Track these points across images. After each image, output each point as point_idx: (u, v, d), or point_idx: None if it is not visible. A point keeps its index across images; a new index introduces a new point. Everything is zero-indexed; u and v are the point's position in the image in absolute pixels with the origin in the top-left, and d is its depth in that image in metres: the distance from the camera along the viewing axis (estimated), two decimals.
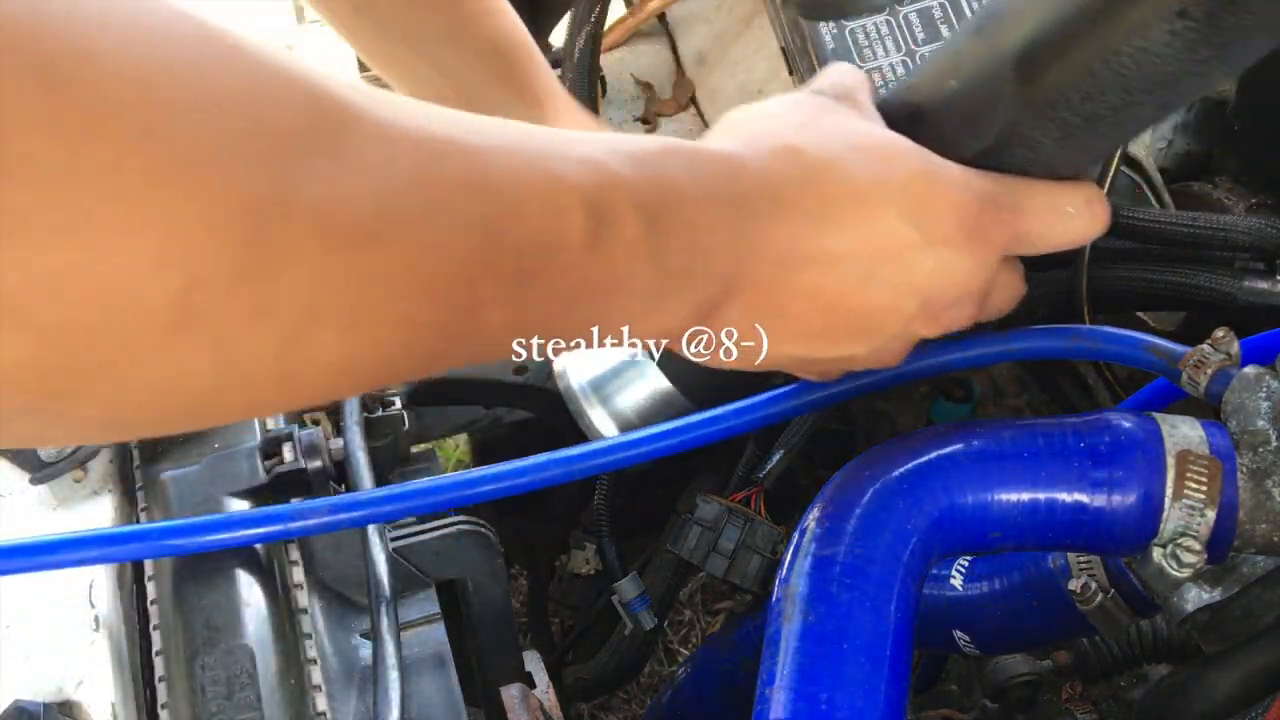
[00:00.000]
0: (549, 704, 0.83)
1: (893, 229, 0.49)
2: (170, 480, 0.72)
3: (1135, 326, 0.86)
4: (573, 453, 0.65)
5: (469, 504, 0.66)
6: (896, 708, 0.47)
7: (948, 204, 0.50)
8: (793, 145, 0.49)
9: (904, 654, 0.48)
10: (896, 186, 0.49)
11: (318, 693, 0.66)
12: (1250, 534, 0.51)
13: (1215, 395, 0.55)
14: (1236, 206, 0.98)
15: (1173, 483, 0.51)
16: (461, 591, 0.82)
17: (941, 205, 0.49)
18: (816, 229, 0.48)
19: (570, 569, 1.15)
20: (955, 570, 0.75)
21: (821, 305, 0.50)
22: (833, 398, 0.64)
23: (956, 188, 0.50)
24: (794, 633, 0.48)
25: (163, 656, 0.67)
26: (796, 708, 0.45)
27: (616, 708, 1.50)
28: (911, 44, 0.78)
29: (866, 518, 0.51)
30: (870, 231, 0.49)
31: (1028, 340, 0.62)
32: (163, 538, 0.65)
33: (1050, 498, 0.52)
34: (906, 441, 0.55)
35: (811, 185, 0.48)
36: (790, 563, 0.51)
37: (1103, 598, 0.65)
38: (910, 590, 0.50)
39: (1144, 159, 1.00)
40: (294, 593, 0.70)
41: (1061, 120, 0.47)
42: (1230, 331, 0.57)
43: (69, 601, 0.69)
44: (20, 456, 0.75)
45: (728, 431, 0.66)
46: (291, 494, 0.72)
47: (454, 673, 0.72)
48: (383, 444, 0.84)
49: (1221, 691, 0.57)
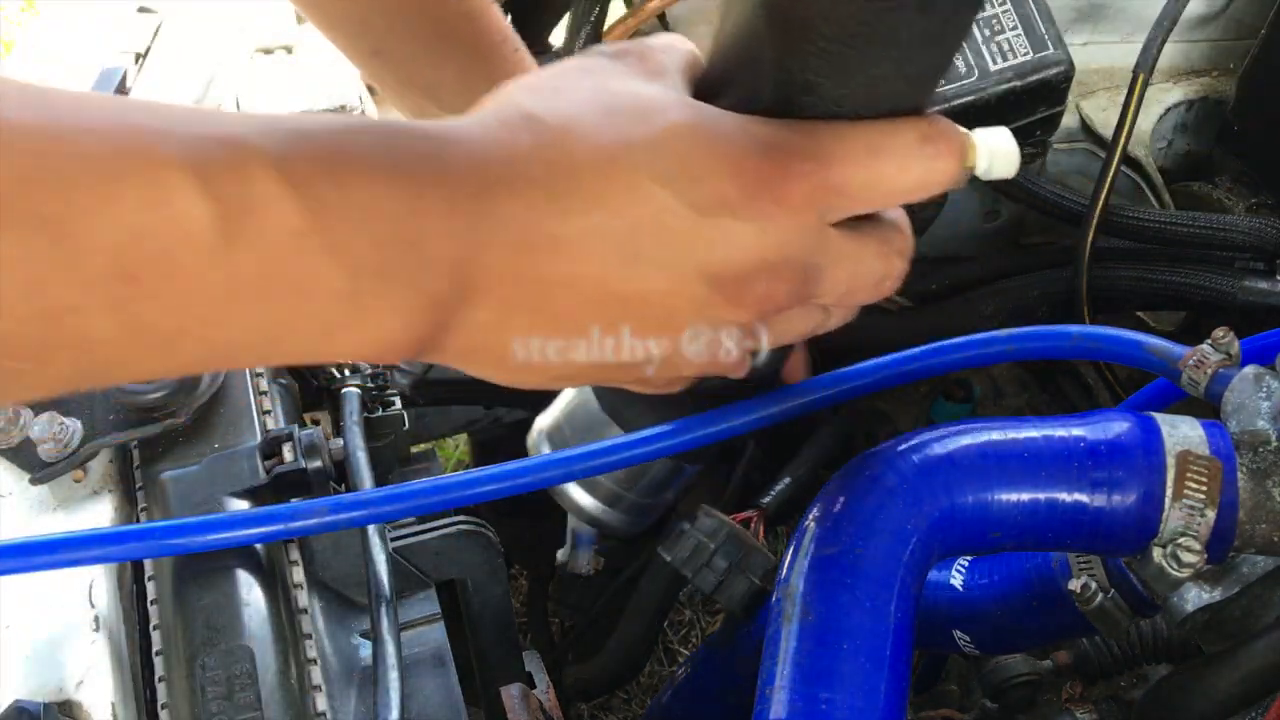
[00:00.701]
0: (549, 704, 0.83)
1: (649, 197, 0.42)
2: (170, 480, 0.72)
3: (1135, 326, 0.86)
4: (573, 453, 0.65)
5: (469, 504, 0.66)
6: (896, 708, 0.47)
7: (717, 160, 0.42)
8: (530, 112, 0.42)
9: (904, 654, 0.48)
10: (648, 146, 0.42)
11: (318, 693, 0.66)
12: (1250, 534, 0.51)
13: (1215, 395, 0.55)
14: (1236, 206, 0.99)
15: (1173, 483, 0.51)
16: (461, 591, 0.82)
17: (709, 163, 0.42)
18: (558, 205, 0.41)
19: (570, 569, 1.15)
20: (955, 570, 0.75)
21: (588, 297, 0.43)
22: (832, 399, 0.64)
23: (728, 140, 0.42)
24: (794, 633, 0.48)
25: (163, 656, 0.67)
26: (796, 708, 0.45)
27: (616, 708, 1.50)
28: None
29: (866, 518, 0.51)
30: (622, 203, 0.42)
31: (1028, 340, 0.62)
32: (163, 538, 0.64)
33: (1050, 498, 0.52)
34: (906, 441, 0.55)
35: (547, 155, 0.41)
36: (790, 563, 0.51)
37: (1103, 598, 0.65)
38: (910, 590, 0.50)
39: (1144, 159, 1.00)
40: (294, 593, 0.70)
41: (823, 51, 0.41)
42: (1230, 331, 0.57)
43: (69, 601, 0.69)
44: (20, 456, 0.75)
45: (728, 432, 0.66)
46: (291, 494, 0.72)
47: (454, 673, 0.72)
48: (383, 444, 0.84)
49: (1221, 691, 0.57)
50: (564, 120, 0.42)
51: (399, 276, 0.40)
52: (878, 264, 0.47)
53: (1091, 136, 1.02)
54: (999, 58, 0.78)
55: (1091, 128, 1.02)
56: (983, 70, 0.78)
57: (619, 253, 0.42)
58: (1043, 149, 0.86)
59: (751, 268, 0.43)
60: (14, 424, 0.73)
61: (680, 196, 0.42)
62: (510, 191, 0.41)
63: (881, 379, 0.63)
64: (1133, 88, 0.86)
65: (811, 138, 0.43)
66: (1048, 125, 0.83)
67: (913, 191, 0.45)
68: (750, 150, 0.42)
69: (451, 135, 0.41)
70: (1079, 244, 0.89)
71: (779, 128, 0.43)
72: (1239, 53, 1.02)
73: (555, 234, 0.41)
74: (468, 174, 0.40)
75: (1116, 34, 1.02)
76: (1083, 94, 1.03)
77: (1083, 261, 0.89)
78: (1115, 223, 0.89)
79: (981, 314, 0.94)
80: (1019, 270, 0.97)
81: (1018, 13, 0.78)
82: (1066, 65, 0.79)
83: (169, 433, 0.75)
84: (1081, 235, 0.89)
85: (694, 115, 0.43)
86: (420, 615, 0.75)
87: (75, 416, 0.75)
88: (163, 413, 0.74)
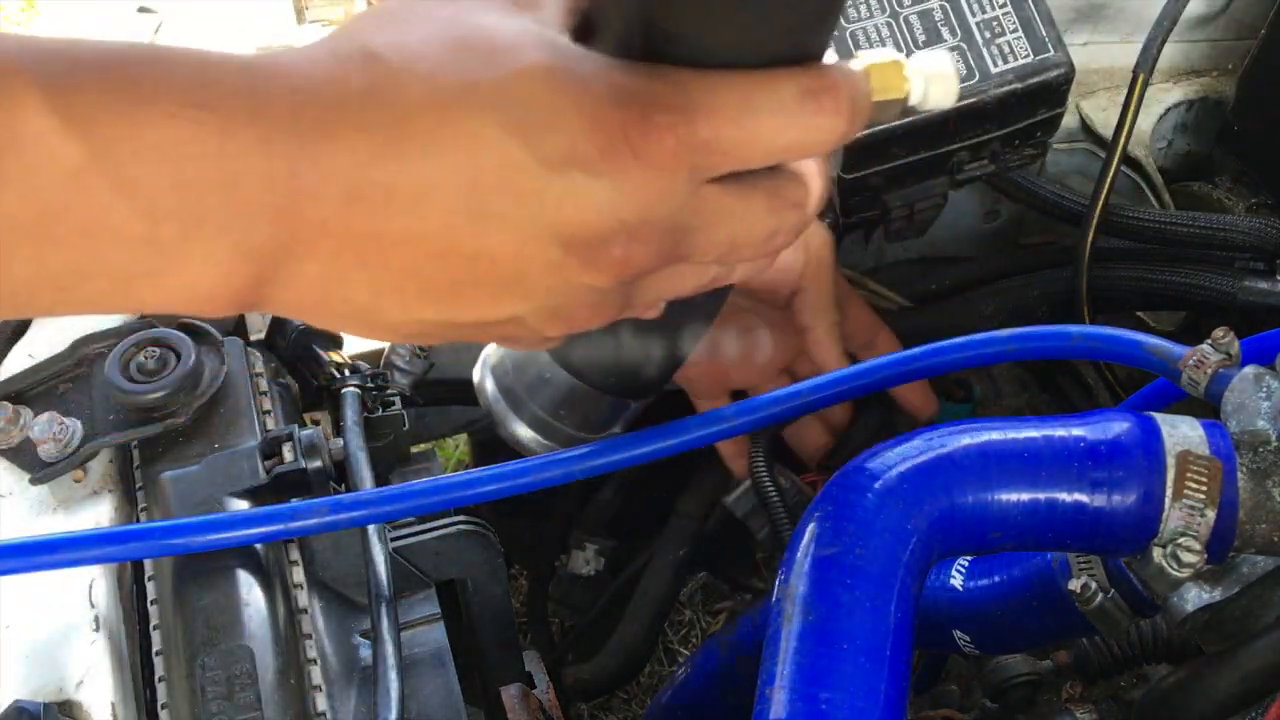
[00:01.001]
0: (549, 704, 0.83)
1: (493, 148, 0.37)
2: (170, 480, 0.72)
3: (1135, 326, 0.86)
4: (573, 453, 0.65)
5: (469, 504, 0.66)
6: (896, 708, 0.47)
7: (572, 110, 0.37)
8: (369, 47, 0.38)
9: (904, 654, 0.48)
10: (494, 90, 0.37)
11: (318, 693, 0.66)
12: (1250, 534, 0.51)
13: (1215, 395, 0.55)
14: (1236, 206, 0.99)
15: (1173, 483, 0.51)
16: (461, 591, 0.82)
17: (562, 113, 0.37)
18: (392, 153, 0.37)
19: (570, 569, 1.15)
20: (955, 570, 0.75)
21: (431, 253, 0.39)
22: (832, 399, 0.64)
23: (586, 88, 0.38)
24: (794, 633, 0.48)
25: (163, 656, 0.67)
26: (796, 708, 0.45)
27: (616, 708, 1.50)
28: (912, 45, 0.78)
29: (866, 518, 0.51)
30: (462, 153, 0.38)
31: (1028, 340, 0.62)
32: (163, 538, 0.65)
33: (1050, 498, 0.52)
34: (906, 441, 0.55)
35: (381, 96, 0.37)
36: (790, 563, 0.51)
37: (1103, 598, 0.65)
38: (910, 590, 0.50)
39: (1144, 159, 1.00)
40: (294, 593, 0.70)
41: None
42: (1230, 331, 0.57)
43: (69, 601, 0.69)
44: (20, 456, 0.75)
45: (728, 432, 0.66)
46: (291, 494, 0.72)
47: (454, 673, 0.72)
48: (383, 444, 0.84)
49: (1221, 691, 0.57)
50: (405, 57, 0.38)
51: (209, 223, 0.36)
52: (767, 219, 0.43)
53: (1091, 136, 1.02)
54: (999, 60, 0.78)
55: (1091, 128, 1.02)
56: (984, 72, 0.78)
57: (460, 208, 0.38)
58: (1043, 149, 0.86)
59: (607, 229, 0.39)
60: (14, 424, 0.73)
61: (528, 148, 0.38)
62: (335, 136, 0.37)
63: (882, 379, 0.63)
64: (1133, 88, 0.87)
65: (680, 89, 0.39)
66: (1048, 126, 0.83)
67: (794, 150, 0.41)
68: (610, 101, 0.38)
69: (275, 70, 0.37)
70: (1079, 244, 0.89)
71: (647, 77, 0.39)
72: (1239, 53, 1.02)
73: (388, 185, 0.38)
74: (287, 114, 0.37)
75: (1116, 34, 1.02)
76: (1083, 94, 1.03)
77: (1083, 261, 0.89)
78: (1115, 223, 0.89)
79: (981, 314, 0.94)
80: (1019, 270, 0.97)
81: (1018, 15, 0.79)
82: (1067, 67, 0.79)
83: (169, 433, 0.75)
84: (1081, 235, 0.89)
85: (552, 58, 0.38)
86: (420, 615, 0.75)
87: (75, 416, 0.75)
88: (163, 413, 0.74)
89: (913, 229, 0.89)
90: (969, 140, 0.80)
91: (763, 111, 0.39)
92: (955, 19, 0.79)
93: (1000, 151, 0.82)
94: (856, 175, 0.81)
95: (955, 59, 0.42)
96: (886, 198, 0.84)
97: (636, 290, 0.45)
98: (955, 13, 0.79)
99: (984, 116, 0.79)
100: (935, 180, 0.84)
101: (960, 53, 0.78)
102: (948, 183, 0.84)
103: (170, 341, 0.75)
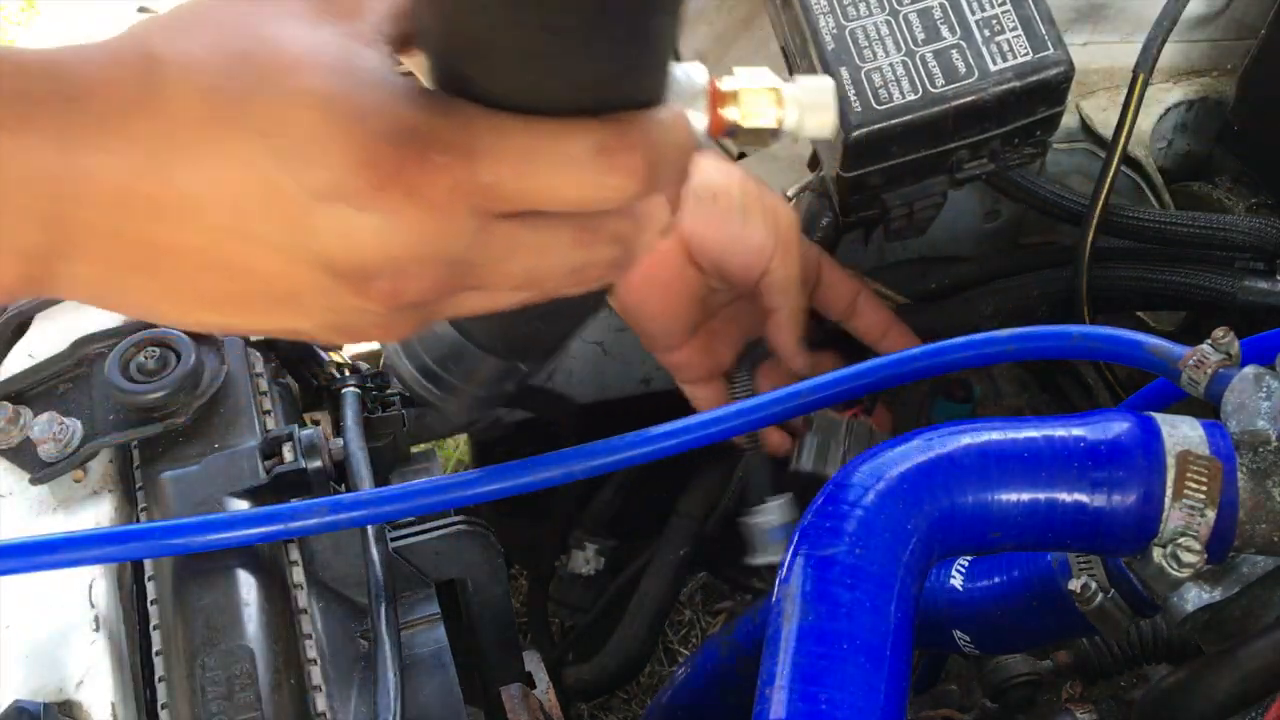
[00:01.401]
0: (549, 704, 0.83)
1: (260, 172, 0.37)
2: (170, 480, 0.72)
3: (1135, 326, 0.86)
4: (573, 453, 0.65)
5: (469, 504, 0.66)
6: (896, 708, 0.47)
7: (345, 142, 0.36)
8: (151, 50, 0.37)
9: (904, 654, 0.48)
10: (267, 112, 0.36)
11: (318, 693, 0.66)
12: (1250, 534, 0.51)
13: (1215, 395, 0.55)
14: (1236, 206, 0.98)
15: (1173, 483, 0.51)
16: (461, 591, 0.82)
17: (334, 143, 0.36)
18: (159, 164, 0.37)
19: (570, 569, 1.15)
20: (955, 570, 0.75)
21: (200, 265, 0.39)
22: (833, 399, 0.64)
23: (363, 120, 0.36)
24: (794, 633, 0.48)
25: (163, 656, 0.67)
26: (796, 708, 0.45)
27: (616, 708, 1.50)
28: (912, 44, 0.78)
29: (866, 518, 0.51)
30: (231, 172, 0.37)
31: (1028, 340, 0.62)
32: (163, 538, 0.65)
33: (1050, 498, 0.52)
34: (906, 441, 0.55)
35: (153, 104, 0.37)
36: (790, 563, 0.51)
37: (1103, 598, 0.65)
38: (910, 590, 0.50)
39: (1144, 159, 1.00)
40: (294, 593, 0.70)
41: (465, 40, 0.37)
42: (1230, 331, 0.57)
43: (69, 601, 0.69)
44: (20, 456, 0.75)
45: (728, 432, 0.66)
46: (291, 494, 0.72)
47: (454, 673, 0.72)
48: (383, 444, 0.84)
49: (1221, 691, 0.57)
50: (185, 67, 0.37)
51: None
52: (571, 254, 0.41)
53: (1091, 136, 1.02)
54: (999, 58, 0.78)
55: (1091, 128, 1.02)
56: (983, 71, 0.78)
57: (227, 226, 0.38)
58: (1043, 148, 0.86)
59: (373, 264, 0.38)
60: (14, 424, 0.73)
61: (294, 176, 0.37)
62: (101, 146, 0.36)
63: (881, 379, 0.63)
64: (1133, 88, 0.86)
65: (466, 129, 0.37)
66: (1048, 125, 0.83)
67: (582, 203, 0.40)
68: (386, 135, 0.36)
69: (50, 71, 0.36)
70: (1079, 244, 0.89)
71: (433, 113, 0.37)
72: (1239, 53, 1.02)
73: (155, 196, 0.37)
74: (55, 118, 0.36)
75: (1116, 34, 1.02)
76: (1083, 94, 1.03)
77: (1083, 261, 0.89)
78: (1115, 223, 0.89)
79: (981, 314, 0.94)
80: (1019, 270, 0.97)
81: (1018, 13, 0.79)
82: (1066, 66, 0.79)
83: (169, 433, 0.75)
84: (1081, 235, 0.89)
85: (333, 83, 0.36)
86: (420, 615, 0.75)
87: (75, 416, 0.75)
88: (163, 413, 0.74)
89: (912, 228, 0.89)
90: (968, 139, 0.80)
91: (548, 163, 0.38)
92: (954, 17, 0.79)
93: (1000, 150, 0.82)
94: (855, 174, 0.81)
95: (837, 86, 0.40)
96: (886, 197, 0.84)
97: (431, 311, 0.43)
98: (954, 10, 0.79)
99: (983, 115, 0.79)
100: (935, 179, 0.84)
101: (960, 50, 0.78)
102: (947, 182, 0.84)
103: (170, 341, 0.75)
